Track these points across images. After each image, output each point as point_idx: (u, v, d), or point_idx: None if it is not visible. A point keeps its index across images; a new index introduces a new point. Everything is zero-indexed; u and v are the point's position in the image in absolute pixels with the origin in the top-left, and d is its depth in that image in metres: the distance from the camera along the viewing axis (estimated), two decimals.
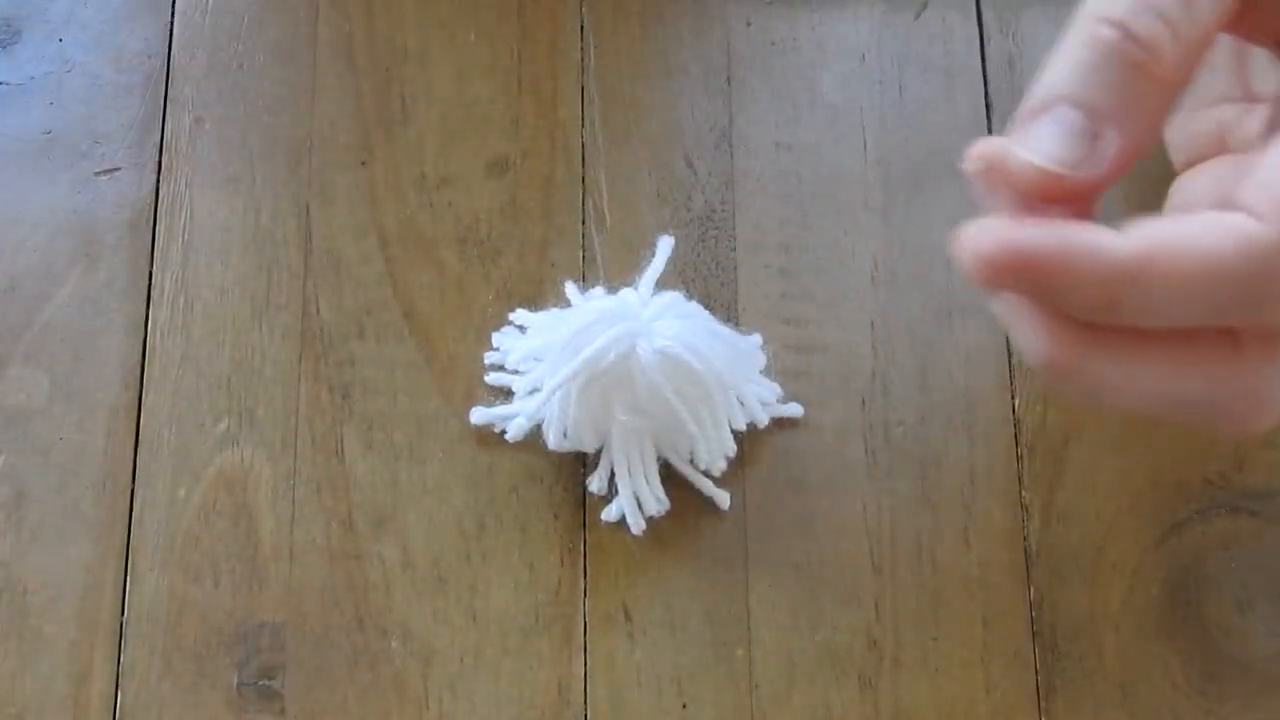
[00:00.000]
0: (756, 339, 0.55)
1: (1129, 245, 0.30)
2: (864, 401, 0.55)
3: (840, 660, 0.52)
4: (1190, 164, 0.37)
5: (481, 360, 0.55)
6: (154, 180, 0.58)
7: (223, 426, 0.55)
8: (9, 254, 0.57)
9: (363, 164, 0.58)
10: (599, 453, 0.54)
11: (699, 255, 0.57)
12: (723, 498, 0.54)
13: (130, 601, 0.53)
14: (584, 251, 0.57)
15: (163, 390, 0.55)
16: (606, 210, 0.58)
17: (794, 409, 0.55)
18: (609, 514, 0.53)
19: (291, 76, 0.59)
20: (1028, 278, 0.30)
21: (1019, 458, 0.55)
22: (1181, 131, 0.38)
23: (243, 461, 0.54)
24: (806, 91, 0.60)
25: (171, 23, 0.60)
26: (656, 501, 0.53)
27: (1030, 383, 0.56)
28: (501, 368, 0.55)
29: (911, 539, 0.54)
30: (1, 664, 0.52)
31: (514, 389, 0.54)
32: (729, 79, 0.60)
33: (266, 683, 0.52)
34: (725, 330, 0.53)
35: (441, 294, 0.56)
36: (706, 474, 0.54)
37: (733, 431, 0.53)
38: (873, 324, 0.56)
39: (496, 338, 0.56)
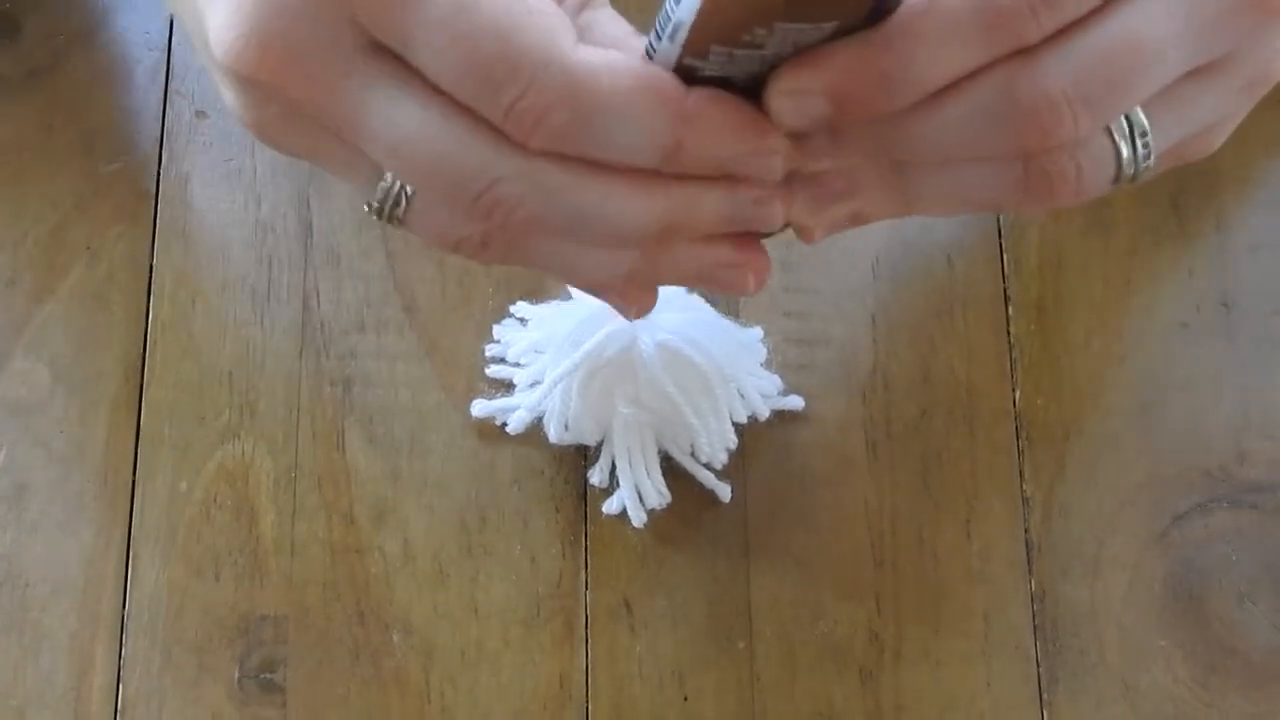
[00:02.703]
0: (757, 332, 0.55)
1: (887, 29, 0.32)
2: (865, 395, 0.55)
3: (841, 653, 0.52)
4: None
5: (483, 353, 0.55)
6: (155, 173, 0.58)
7: (224, 420, 0.55)
8: (10, 247, 0.57)
9: None
10: (600, 445, 0.54)
11: None
12: (724, 490, 0.54)
13: (131, 595, 0.53)
14: None
15: (164, 384, 0.55)
16: None
17: (795, 402, 0.55)
18: (610, 507, 0.53)
19: None
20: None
21: (1020, 451, 0.55)
22: None
23: (244, 455, 0.54)
24: None
25: (171, 16, 0.60)
26: (658, 494, 0.53)
27: (1032, 376, 0.56)
28: (503, 360, 0.55)
29: (912, 532, 0.54)
30: (3, 657, 0.52)
31: (515, 382, 0.54)
32: None
33: (268, 676, 0.52)
34: (726, 323, 0.53)
35: (442, 287, 0.56)
36: (708, 467, 0.54)
37: (734, 424, 0.53)
38: (874, 317, 0.56)
39: (498, 330, 0.56)
